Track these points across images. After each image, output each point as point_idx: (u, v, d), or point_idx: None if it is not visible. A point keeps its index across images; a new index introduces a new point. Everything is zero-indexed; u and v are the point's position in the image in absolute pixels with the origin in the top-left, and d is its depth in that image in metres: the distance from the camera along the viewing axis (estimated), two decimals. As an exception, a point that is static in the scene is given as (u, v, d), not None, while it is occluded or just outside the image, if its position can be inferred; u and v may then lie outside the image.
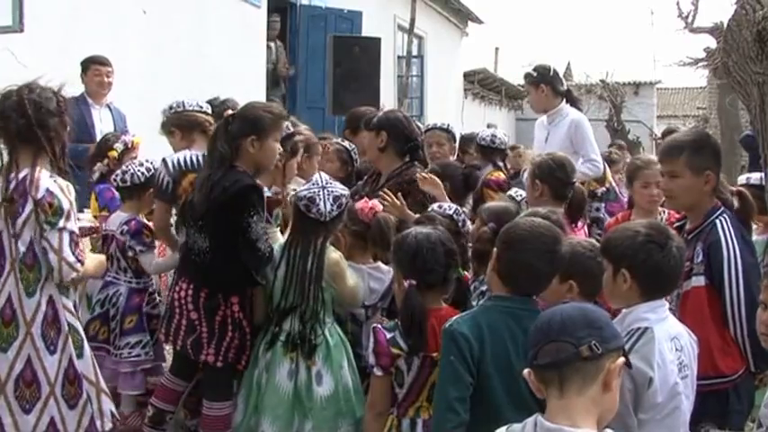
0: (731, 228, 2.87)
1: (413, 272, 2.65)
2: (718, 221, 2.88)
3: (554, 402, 1.67)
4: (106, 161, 4.33)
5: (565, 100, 5.21)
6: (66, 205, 2.80)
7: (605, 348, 1.65)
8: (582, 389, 1.65)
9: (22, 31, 5.13)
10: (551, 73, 5.19)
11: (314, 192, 3.16)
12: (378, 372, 2.64)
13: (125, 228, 3.94)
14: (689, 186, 2.93)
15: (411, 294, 2.61)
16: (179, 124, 3.94)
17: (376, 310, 3.43)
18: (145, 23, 7.72)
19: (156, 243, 4.12)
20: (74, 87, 5.41)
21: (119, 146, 4.48)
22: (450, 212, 3.51)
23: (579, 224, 3.97)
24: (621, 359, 1.69)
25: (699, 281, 2.83)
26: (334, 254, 3.22)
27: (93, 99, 5.62)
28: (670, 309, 2.49)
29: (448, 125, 5.35)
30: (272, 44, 10.26)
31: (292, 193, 3.53)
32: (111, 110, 5.74)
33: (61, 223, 2.78)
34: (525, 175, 4.83)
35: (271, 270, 3.24)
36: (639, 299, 2.37)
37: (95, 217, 4.35)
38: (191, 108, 3.96)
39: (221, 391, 3.38)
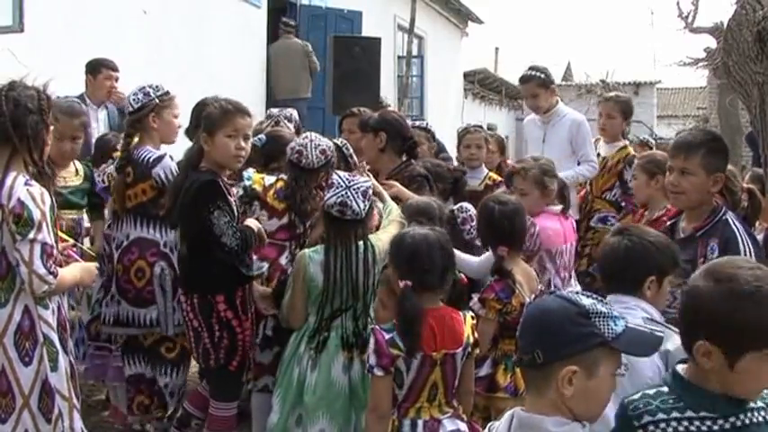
0: (740, 224, 2.87)
1: (410, 273, 2.63)
2: (728, 218, 2.87)
3: (528, 397, 1.70)
4: (110, 162, 4.31)
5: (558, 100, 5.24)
6: (36, 215, 2.58)
7: (554, 356, 1.58)
8: (540, 390, 1.63)
9: (22, 31, 5.13)
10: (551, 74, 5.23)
11: (342, 194, 3.05)
12: (378, 372, 2.60)
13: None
14: (699, 185, 2.91)
15: (406, 295, 2.59)
16: None
17: None
18: (145, 23, 7.72)
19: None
20: (73, 88, 5.43)
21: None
22: (454, 208, 3.51)
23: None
24: (571, 367, 1.57)
25: None
26: (376, 237, 3.16)
27: (92, 100, 5.60)
28: (672, 307, 2.44)
29: (427, 124, 5.27)
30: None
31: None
32: (107, 109, 5.71)
33: (32, 234, 2.57)
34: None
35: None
36: None
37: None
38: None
39: (227, 392, 3.37)
